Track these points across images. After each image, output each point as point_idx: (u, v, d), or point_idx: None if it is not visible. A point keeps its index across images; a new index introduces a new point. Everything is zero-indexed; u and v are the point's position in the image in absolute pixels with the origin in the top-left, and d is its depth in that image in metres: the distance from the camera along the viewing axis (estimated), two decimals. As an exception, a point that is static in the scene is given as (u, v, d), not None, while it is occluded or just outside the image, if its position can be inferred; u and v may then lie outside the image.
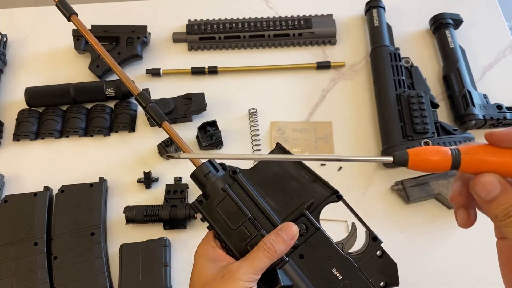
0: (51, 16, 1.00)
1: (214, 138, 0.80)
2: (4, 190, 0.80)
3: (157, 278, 0.69)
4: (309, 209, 0.42)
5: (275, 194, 0.43)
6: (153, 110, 0.46)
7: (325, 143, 0.85)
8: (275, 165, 0.43)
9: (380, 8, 0.94)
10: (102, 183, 0.77)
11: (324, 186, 0.43)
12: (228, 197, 0.42)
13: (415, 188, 0.77)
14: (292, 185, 0.43)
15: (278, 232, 0.40)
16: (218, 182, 0.43)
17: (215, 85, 0.91)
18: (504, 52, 0.94)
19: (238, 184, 0.43)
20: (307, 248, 0.42)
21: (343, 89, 0.91)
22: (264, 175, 0.43)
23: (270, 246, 0.39)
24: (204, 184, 0.43)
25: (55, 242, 0.72)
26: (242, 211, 0.42)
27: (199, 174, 0.43)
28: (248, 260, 0.39)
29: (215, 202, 0.42)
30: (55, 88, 0.87)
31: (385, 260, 0.42)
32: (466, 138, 0.78)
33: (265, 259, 0.39)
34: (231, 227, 0.42)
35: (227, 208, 0.42)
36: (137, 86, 0.50)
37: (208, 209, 0.43)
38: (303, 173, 0.43)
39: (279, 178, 0.43)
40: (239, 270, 0.38)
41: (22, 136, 0.84)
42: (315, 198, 0.42)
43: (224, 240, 0.42)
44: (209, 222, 0.43)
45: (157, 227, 0.76)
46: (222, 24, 0.93)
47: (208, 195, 0.43)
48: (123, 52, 0.90)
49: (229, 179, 0.43)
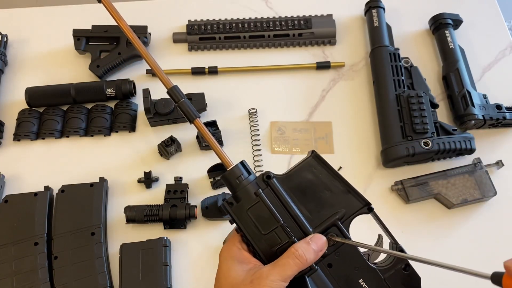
0: (52, 16, 1.00)
1: (214, 138, 0.80)
2: (4, 190, 0.80)
3: (157, 278, 0.69)
4: (341, 219, 0.42)
5: (307, 202, 0.43)
6: (185, 106, 0.46)
7: (325, 143, 0.85)
8: (309, 173, 0.43)
9: (379, 9, 0.94)
10: (103, 183, 0.78)
11: (357, 197, 0.43)
12: (261, 202, 0.41)
13: (415, 188, 0.77)
14: (325, 194, 0.43)
15: (309, 241, 0.40)
16: (251, 186, 0.42)
17: (215, 85, 0.91)
18: (503, 52, 0.94)
19: (271, 189, 0.42)
20: (336, 258, 0.42)
21: (343, 89, 0.91)
22: (297, 182, 0.43)
23: (301, 254, 0.39)
24: (235, 187, 0.42)
25: (55, 242, 0.72)
26: (275, 217, 0.41)
27: (231, 177, 0.42)
28: (278, 267, 0.39)
29: (247, 206, 0.42)
30: (55, 88, 0.88)
31: (409, 273, 0.43)
32: (466, 138, 0.78)
33: (295, 267, 0.39)
34: (262, 232, 0.42)
35: (259, 213, 0.42)
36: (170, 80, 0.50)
37: (238, 212, 0.42)
38: (337, 183, 0.43)
39: (312, 186, 0.43)
40: (268, 277, 0.38)
41: (23, 136, 0.84)
42: (347, 209, 0.43)
43: (253, 244, 0.42)
44: (239, 226, 0.43)
45: (157, 227, 0.76)
46: (222, 25, 0.93)
47: (239, 198, 0.42)
48: (124, 52, 0.90)
49: (262, 184, 0.42)
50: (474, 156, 0.80)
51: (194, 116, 0.44)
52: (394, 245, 0.44)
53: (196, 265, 0.74)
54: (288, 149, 0.84)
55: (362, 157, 0.84)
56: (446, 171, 0.78)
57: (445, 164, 0.81)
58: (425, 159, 0.80)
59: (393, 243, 0.44)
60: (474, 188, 0.76)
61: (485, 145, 0.83)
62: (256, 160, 0.82)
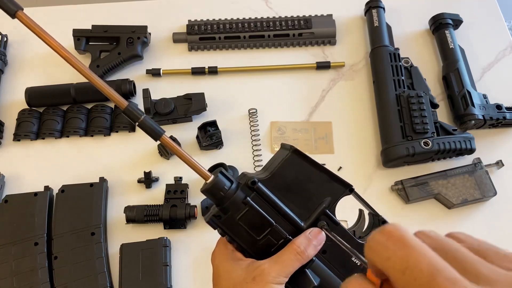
0: (51, 16, 1.00)
1: (214, 138, 0.80)
2: (4, 190, 0.80)
3: (157, 278, 0.69)
4: (328, 207, 0.43)
5: (294, 198, 0.43)
6: (147, 124, 0.39)
7: (325, 143, 0.85)
8: (291, 170, 0.43)
9: (380, 8, 0.94)
10: (103, 183, 0.78)
11: (339, 183, 0.43)
12: (251, 209, 0.41)
13: (415, 188, 0.77)
14: (310, 186, 0.43)
15: (309, 237, 0.41)
16: (237, 195, 0.41)
17: (215, 85, 0.91)
18: (503, 52, 0.94)
19: (257, 194, 0.42)
20: (329, 243, 0.42)
21: (343, 89, 0.91)
22: (282, 180, 0.43)
23: (303, 250, 0.40)
24: (221, 199, 0.41)
25: (55, 242, 0.72)
26: (267, 220, 0.41)
27: (215, 190, 0.41)
28: (279, 263, 0.39)
29: (237, 216, 0.41)
30: (55, 88, 0.88)
31: None
32: (466, 138, 0.78)
33: (296, 262, 0.40)
34: (256, 237, 0.42)
35: (250, 220, 0.41)
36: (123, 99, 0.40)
37: (229, 224, 0.41)
38: (319, 173, 0.43)
39: (297, 182, 0.43)
40: (270, 273, 0.39)
41: (23, 136, 0.84)
42: (332, 196, 0.43)
43: (250, 251, 0.42)
44: (232, 237, 0.42)
45: (157, 227, 0.76)
46: (222, 24, 0.93)
47: (227, 210, 0.41)
48: (124, 52, 0.90)
49: (248, 190, 0.42)
50: (474, 156, 0.80)
51: (160, 133, 0.40)
52: (375, 216, 0.45)
53: (196, 265, 0.74)
54: (288, 149, 0.84)
55: (362, 157, 0.83)
56: (446, 171, 0.78)
57: (445, 164, 0.81)
58: (425, 159, 0.80)
59: (373, 214, 0.45)
60: (474, 188, 0.76)
61: (485, 145, 0.83)
62: (256, 160, 0.82)
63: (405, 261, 0.19)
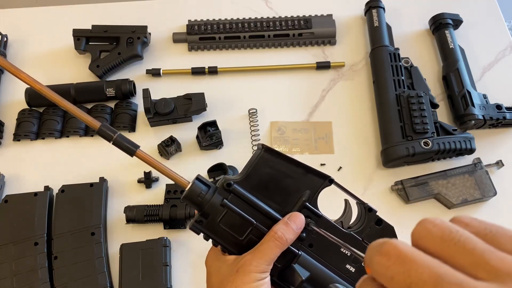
0: (52, 16, 1.00)
1: (214, 138, 0.80)
2: (4, 190, 0.80)
3: (157, 278, 0.69)
4: (308, 200, 0.43)
5: (273, 195, 0.43)
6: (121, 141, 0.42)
7: (325, 143, 0.85)
8: (266, 168, 0.43)
9: (380, 9, 0.94)
10: (103, 183, 0.78)
11: (316, 174, 0.43)
12: (230, 211, 0.42)
13: (415, 188, 0.77)
14: (287, 182, 0.43)
15: (287, 221, 0.41)
16: (215, 199, 0.42)
17: (215, 85, 0.91)
18: (503, 52, 0.94)
19: (235, 195, 0.42)
20: (314, 236, 0.43)
21: (343, 89, 0.91)
22: (258, 179, 0.43)
23: (281, 235, 0.40)
24: (200, 204, 0.42)
25: (55, 242, 0.72)
26: (247, 220, 0.42)
27: (193, 196, 0.42)
28: (259, 252, 0.40)
29: (217, 219, 0.42)
30: (55, 88, 0.87)
31: (383, 227, 0.45)
32: (466, 138, 0.78)
33: (276, 249, 0.40)
34: (239, 238, 0.42)
35: (231, 222, 0.42)
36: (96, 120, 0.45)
37: (211, 228, 0.42)
38: (294, 167, 0.43)
39: (273, 179, 0.43)
40: (252, 263, 0.39)
41: (23, 136, 0.84)
42: (310, 189, 0.43)
43: (235, 252, 0.43)
44: (216, 240, 0.43)
45: (157, 227, 0.76)
46: (222, 24, 0.93)
47: (207, 214, 0.42)
48: (124, 52, 0.90)
49: (225, 193, 0.42)
50: (474, 156, 0.80)
51: (134, 149, 0.43)
52: (361, 205, 0.45)
53: (196, 265, 0.74)
54: (288, 149, 0.84)
55: (362, 157, 0.83)
56: (446, 171, 0.78)
57: (445, 164, 0.81)
58: (425, 159, 0.80)
59: (359, 203, 0.45)
60: (474, 188, 0.76)
61: (485, 145, 0.83)
62: (256, 160, 0.82)
63: (408, 277, 0.19)
